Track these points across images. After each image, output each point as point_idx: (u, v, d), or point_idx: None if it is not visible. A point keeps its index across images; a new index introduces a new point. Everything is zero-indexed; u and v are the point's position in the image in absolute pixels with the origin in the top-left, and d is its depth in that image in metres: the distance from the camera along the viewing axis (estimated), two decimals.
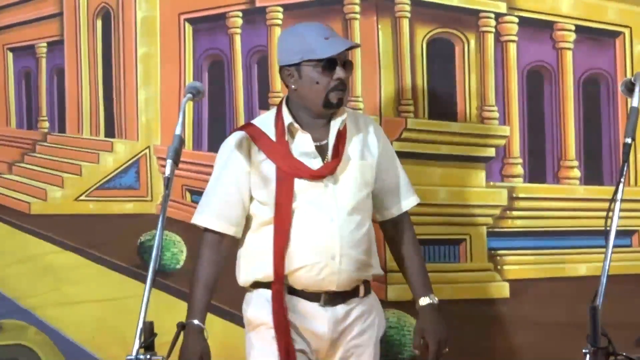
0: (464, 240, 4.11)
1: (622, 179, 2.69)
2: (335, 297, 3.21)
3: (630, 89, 2.84)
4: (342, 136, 3.23)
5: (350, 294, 3.24)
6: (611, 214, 2.66)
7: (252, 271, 3.24)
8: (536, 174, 4.10)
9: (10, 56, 4.71)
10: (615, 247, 2.66)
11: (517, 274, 4.09)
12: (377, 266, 3.34)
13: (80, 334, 4.47)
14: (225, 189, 3.23)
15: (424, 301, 3.34)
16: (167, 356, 2.60)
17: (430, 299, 3.34)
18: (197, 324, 3.16)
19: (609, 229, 2.65)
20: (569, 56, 4.05)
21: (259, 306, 3.22)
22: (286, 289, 3.17)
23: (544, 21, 4.04)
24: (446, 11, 4.06)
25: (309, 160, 3.19)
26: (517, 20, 4.05)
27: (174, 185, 2.85)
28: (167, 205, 2.71)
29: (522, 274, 4.09)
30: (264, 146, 3.20)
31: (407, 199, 3.39)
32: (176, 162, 2.77)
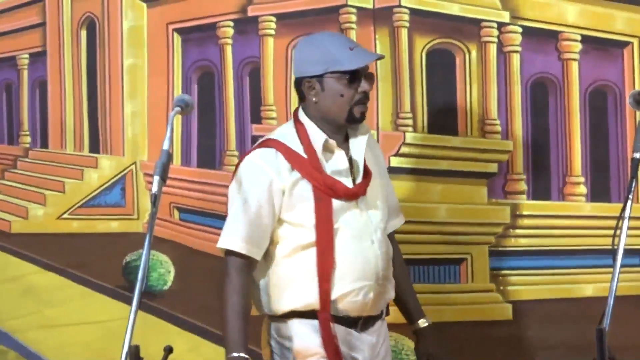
0: (465, 259, 4.08)
1: (631, 196, 2.70)
2: (368, 321, 3.20)
3: (638, 101, 2.85)
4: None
5: (378, 317, 3.25)
6: (619, 232, 2.67)
7: (288, 300, 3.14)
8: (540, 190, 4.07)
9: None
10: (623, 266, 2.67)
11: (520, 294, 4.07)
12: None
13: (63, 358, 4.47)
14: (255, 211, 3.11)
15: (424, 323, 3.36)
16: None
17: (427, 321, 3.37)
18: (245, 357, 3.04)
19: (616, 247, 2.66)
20: (575, 67, 4.04)
21: (305, 337, 3.13)
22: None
23: (549, 31, 4.03)
24: (446, 20, 4.05)
25: (342, 179, 3.14)
26: (520, 29, 4.03)
27: (162, 202, 2.82)
28: (154, 223, 2.69)
29: (525, 294, 4.07)
30: (297, 164, 3.11)
31: (394, 219, 3.38)
32: (164, 179, 2.74)
